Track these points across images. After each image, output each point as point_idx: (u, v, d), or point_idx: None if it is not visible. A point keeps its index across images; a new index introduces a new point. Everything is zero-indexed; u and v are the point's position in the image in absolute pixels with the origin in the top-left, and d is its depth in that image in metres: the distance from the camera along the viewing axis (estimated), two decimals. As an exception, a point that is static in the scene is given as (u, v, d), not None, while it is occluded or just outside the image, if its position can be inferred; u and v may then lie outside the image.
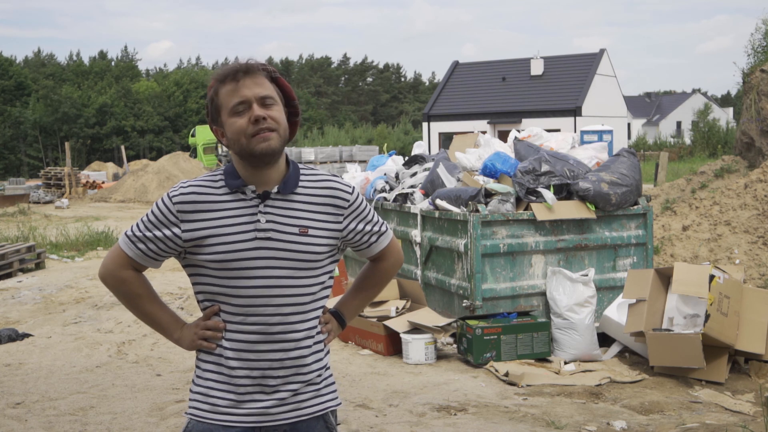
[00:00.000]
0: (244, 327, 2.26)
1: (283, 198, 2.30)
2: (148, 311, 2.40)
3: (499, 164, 7.57)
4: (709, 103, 66.34)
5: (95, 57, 78.97)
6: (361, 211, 2.41)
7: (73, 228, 16.81)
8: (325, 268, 2.35)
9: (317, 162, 32.17)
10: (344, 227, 2.37)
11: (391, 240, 2.53)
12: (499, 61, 43.41)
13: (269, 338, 2.26)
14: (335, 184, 2.37)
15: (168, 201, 2.29)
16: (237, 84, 2.24)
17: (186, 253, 2.30)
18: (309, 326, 2.32)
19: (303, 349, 2.30)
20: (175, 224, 2.27)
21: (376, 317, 7.26)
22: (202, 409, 2.31)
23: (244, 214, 2.26)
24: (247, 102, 2.24)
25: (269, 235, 2.25)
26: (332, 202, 2.35)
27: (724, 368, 6.16)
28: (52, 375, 6.50)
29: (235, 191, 2.28)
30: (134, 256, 2.32)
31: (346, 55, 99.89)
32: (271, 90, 2.28)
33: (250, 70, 2.26)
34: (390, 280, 2.64)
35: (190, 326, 2.36)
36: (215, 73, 2.29)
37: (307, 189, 2.34)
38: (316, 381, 2.34)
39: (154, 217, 2.30)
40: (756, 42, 16.65)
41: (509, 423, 5.26)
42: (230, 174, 2.30)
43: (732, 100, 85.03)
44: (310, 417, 2.33)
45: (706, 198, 11.07)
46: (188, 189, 2.29)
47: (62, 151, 49.86)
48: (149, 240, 2.30)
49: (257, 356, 2.26)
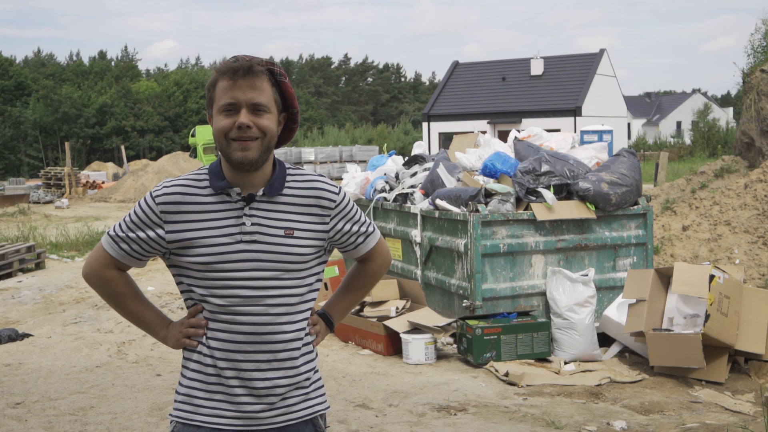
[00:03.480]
0: (232, 327, 2.23)
1: (269, 200, 2.26)
2: (133, 310, 2.38)
3: (499, 164, 7.57)
4: (709, 103, 66.32)
5: (95, 57, 78.98)
6: (348, 211, 2.38)
7: (73, 228, 16.81)
8: (311, 269, 2.32)
9: (317, 162, 32.17)
10: (331, 228, 2.34)
11: (378, 240, 2.50)
12: (499, 61, 43.46)
13: (257, 338, 2.23)
14: (321, 185, 2.33)
15: (151, 201, 2.24)
16: (233, 83, 2.17)
17: (170, 254, 2.28)
18: (297, 328, 2.29)
19: (292, 351, 2.28)
20: (159, 225, 2.24)
21: (376, 317, 7.27)
22: (188, 411, 2.27)
23: (229, 217, 2.23)
24: (237, 105, 2.18)
25: (254, 238, 2.22)
26: (318, 203, 2.31)
27: (724, 368, 6.16)
28: (52, 375, 6.50)
29: (219, 192, 2.24)
30: (117, 256, 2.29)
31: (347, 55, 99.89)
32: (267, 96, 2.20)
33: (251, 72, 2.18)
34: (378, 281, 2.60)
35: (175, 325, 2.34)
36: (219, 64, 2.23)
37: (293, 190, 2.30)
38: (304, 384, 2.32)
39: (137, 217, 2.25)
40: (756, 42, 16.66)
41: (509, 423, 5.26)
42: (215, 174, 2.26)
43: (732, 100, 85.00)
44: (299, 421, 2.32)
45: (706, 198, 11.07)
46: (171, 189, 2.25)
47: (62, 151, 49.85)
48: (132, 240, 2.26)
49: (245, 357, 2.23)
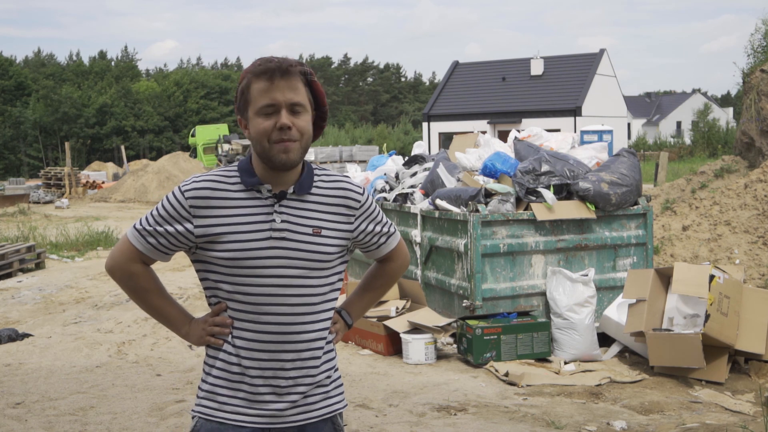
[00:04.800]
0: (257, 326, 2.24)
1: (298, 198, 2.29)
2: (156, 305, 2.38)
3: (499, 164, 7.57)
4: (709, 103, 66.33)
5: (95, 57, 78.97)
6: (372, 212, 2.42)
7: (73, 228, 16.81)
8: (335, 269, 2.34)
9: (317, 162, 32.19)
10: (355, 228, 2.37)
11: (399, 241, 2.54)
12: (499, 61, 43.46)
13: (282, 338, 2.25)
14: (347, 185, 2.37)
15: (180, 195, 2.24)
16: (271, 84, 2.18)
17: (197, 249, 2.28)
18: (321, 327, 2.31)
19: (315, 350, 2.29)
20: (188, 219, 2.24)
21: (376, 317, 7.26)
22: (211, 408, 2.28)
23: (260, 213, 2.24)
24: (277, 106, 2.19)
25: (284, 235, 2.24)
26: (344, 203, 2.35)
27: (724, 368, 6.16)
28: (52, 375, 6.50)
29: (250, 189, 2.26)
30: (144, 250, 2.29)
31: (347, 55, 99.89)
32: (303, 96, 2.23)
33: (288, 73, 2.19)
34: (396, 281, 2.63)
35: (198, 321, 2.34)
36: (252, 66, 2.23)
37: (321, 190, 2.33)
38: (325, 383, 2.35)
39: (165, 211, 2.25)
40: (756, 42, 16.64)
41: (509, 423, 5.26)
42: (246, 171, 2.27)
43: (732, 100, 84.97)
44: (319, 419, 2.34)
45: (706, 198, 11.07)
46: (201, 184, 2.26)
47: (62, 151, 49.82)
48: (160, 234, 2.26)
49: (270, 356, 2.25)
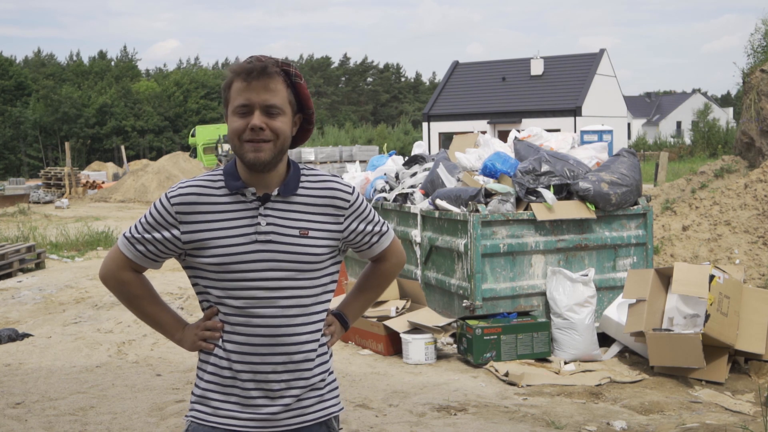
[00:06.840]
0: (247, 329, 2.23)
1: (284, 200, 2.27)
2: (149, 312, 2.38)
3: (499, 164, 7.56)
4: (709, 103, 66.33)
5: (95, 57, 78.92)
6: (362, 211, 2.38)
7: (73, 228, 16.80)
8: (326, 270, 2.32)
9: (317, 162, 32.17)
10: (345, 228, 2.35)
11: (392, 240, 2.51)
12: (499, 61, 43.45)
13: (273, 341, 2.23)
14: (335, 185, 2.34)
15: (166, 202, 2.25)
16: (248, 85, 2.18)
17: (186, 255, 2.28)
18: (313, 329, 2.29)
19: (307, 352, 2.28)
20: (174, 226, 2.24)
21: (376, 317, 7.26)
22: (204, 412, 2.28)
23: (244, 217, 2.24)
24: (251, 107, 2.18)
25: (270, 237, 2.23)
26: (332, 203, 2.32)
27: (724, 368, 6.16)
28: (52, 375, 6.50)
29: (234, 193, 2.25)
30: (133, 258, 2.30)
31: (347, 55, 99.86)
32: (281, 97, 2.21)
33: (265, 73, 2.18)
34: (392, 281, 2.61)
35: (191, 327, 2.34)
36: (233, 65, 2.23)
37: (308, 190, 2.30)
38: (319, 386, 2.33)
39: (153, 218, 2.26)
40: (756, 42, 16.64)
41: (509, 423, 5.26)
42: (230, 174, 2.27)
43: (732, 100, 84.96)
44: (314, 423, 2.33)
45: (706, 198, 11.07)
46: (186, 189, 2.26)
47: (62, 151, 49.79)
48: (148, 242, 2.27)
49: (261, 359, 2.24)
